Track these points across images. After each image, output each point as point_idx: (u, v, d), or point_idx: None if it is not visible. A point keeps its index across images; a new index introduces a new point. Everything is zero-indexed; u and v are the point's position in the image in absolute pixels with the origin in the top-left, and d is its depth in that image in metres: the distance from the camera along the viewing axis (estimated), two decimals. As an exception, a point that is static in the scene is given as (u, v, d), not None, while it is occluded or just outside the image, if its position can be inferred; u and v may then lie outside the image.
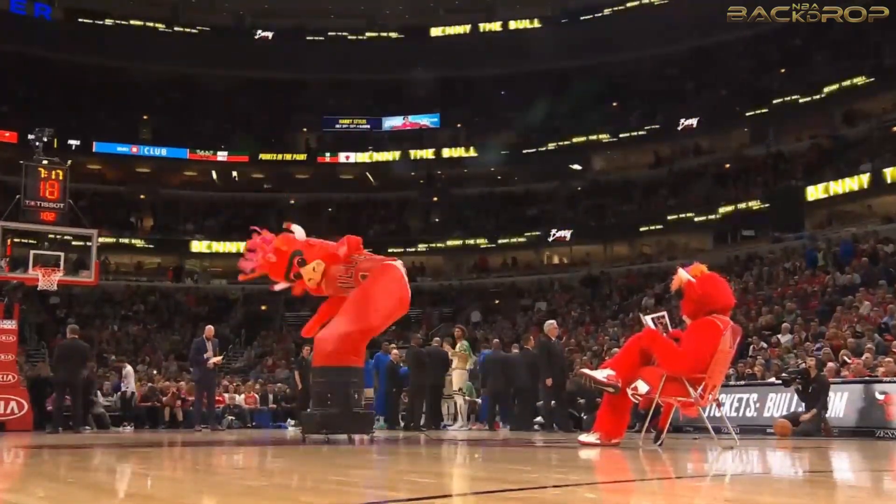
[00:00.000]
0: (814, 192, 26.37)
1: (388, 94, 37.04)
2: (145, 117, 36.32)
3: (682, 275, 6.87)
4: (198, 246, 34.03)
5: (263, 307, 32.67)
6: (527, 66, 35.04)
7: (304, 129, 37.57)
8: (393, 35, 36.89)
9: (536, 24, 35.97)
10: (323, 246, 8.29)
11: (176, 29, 35.88)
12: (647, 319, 7.11)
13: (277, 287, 8.49)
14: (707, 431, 7.80)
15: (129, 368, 17.02)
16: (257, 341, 29.89)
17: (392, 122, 37.52)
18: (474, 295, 32.37)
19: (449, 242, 34.39)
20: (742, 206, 28.33)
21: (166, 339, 28.25)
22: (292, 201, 36.24)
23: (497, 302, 31.65)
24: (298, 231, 8.27)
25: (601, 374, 6.91)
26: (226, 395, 18.23)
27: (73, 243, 17.27)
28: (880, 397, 10.72)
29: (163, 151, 35.31)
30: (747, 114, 30.71)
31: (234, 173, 36.80)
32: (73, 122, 32.60)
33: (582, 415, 13.08)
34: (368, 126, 37.59)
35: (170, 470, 5.43)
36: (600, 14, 34.33)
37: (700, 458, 6.35)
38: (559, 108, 34.56)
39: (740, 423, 11.55)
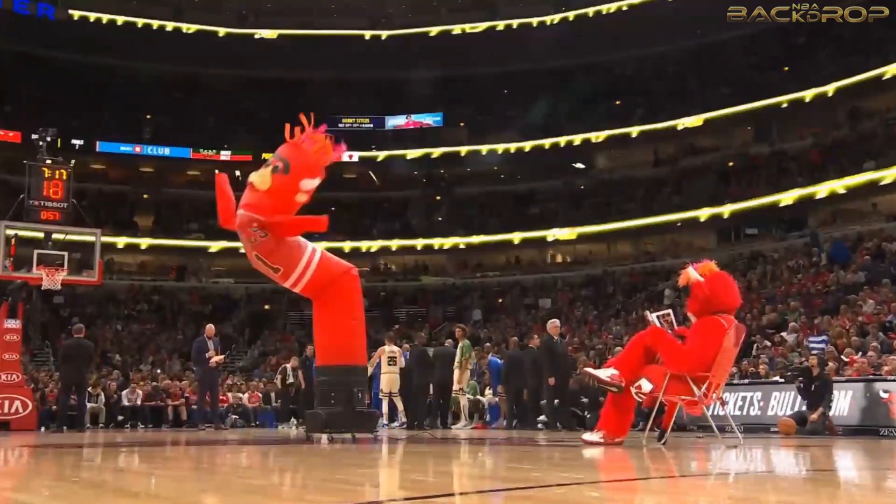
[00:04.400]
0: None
1: (391, 93, 37.03)
2: (148, 117, 36.34)
3: (692, 273, 6.86)
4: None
5: (267, 306, 32.71)
6: (529, 65, 35.01)
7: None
8: (396, 34, 36.86)
9: (539, 22, 35.92)
10: (287, 201, 7.46)
11: (179, 28, 35.90)
12: (653, 317, 7.10)
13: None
14: (711, 430, 7.80)
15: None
16: (261, 340, 29.94)
17: (395, 122, 37.53)
18: (477, 294, 32.38)
19: (452, 241, 34.38)
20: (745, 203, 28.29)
21: (170, 339, 28.31)
22: (295, 200, 36.22)
23: (500, 301, 31.66)
24: (309, 184, 7.57)
25: (605, 374, 6.91)
26: (229, 395, 18.28)
27: (77, 243, 17.29)
28: (884, 396, 10.70)
29: (166, 151, 35.32)
30: (750, 111, 30.65)
31: (238, 172, 36.75)
32: (77, 122, 32.65)
33: (585, 413, 13.08)
34: (371, 125, 37.58)
35: (174, 469, 5.44)
36: (603, 12, 34.26)
37: (704, 456, 6.34)
38: (562, 106, 34.52)
39: (744, 422, 11.55)
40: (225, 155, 35.69)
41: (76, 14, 34.04)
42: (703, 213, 29.58)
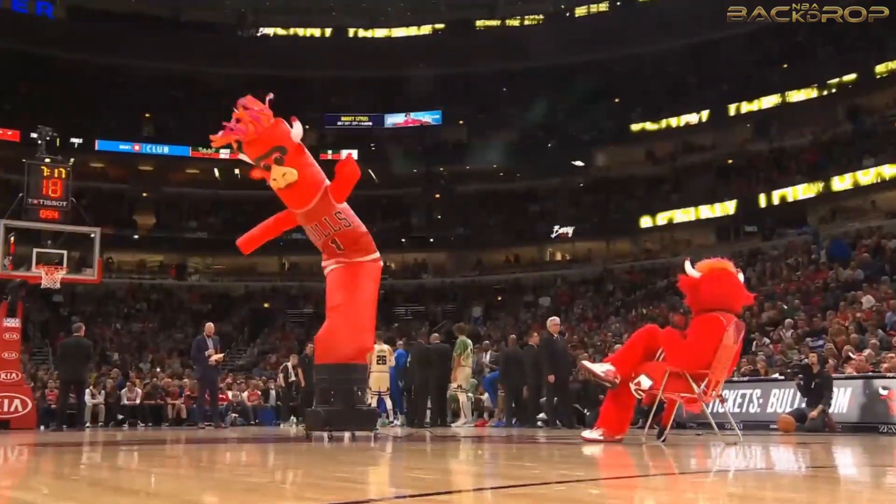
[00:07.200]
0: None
1: (390, 92, 37.01)
2: (147, 115, 36.34)
3: (687, 268, 6.89)
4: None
5: (266, 305, 32.70)
6: (528, 63, 35.00)
7: (306, 127, 37.24)
8: (395, 32, 36.85)
9: (538, 20, 35.90)
10: (312, 167, 7.73)
11: (178, 27, 35.86)
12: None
13: (247, 161, 7.73)
14: (710, 427, 7.80)
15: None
16: (260, 339, 29.94)
17: (394, 120, 37.51)
18: (477, 292, 32.39)
19: (451, 239, 34.37)
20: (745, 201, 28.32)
21: (169, 337, 28.31)
22: (295, 199, 36.18)
23: (500, 299, 31.67)
24: (297, 128, 7.88)
25: (600, 369, 6.92)
26: (229, 393, 18.28)
27: (76, 241, 17.30)
28: (883, 393, 10.70)
29: (165, 149, 35.31)
30: (750, 109, 30.64)
31: (237, 171, 36.80)
32: (76, 121, 32.62)
33: (585, 411, 13.09)
34: (370, 123, 37.58)
35: (173, 467, 5.44)
36: (602, 10, 34.26)
37: (703, 453, 6.34)
38: (561, 104, 34.52)
39: (743, 419, 11.54)
40: (224, 153, 35.65)
41: (74, 12, 34.01)
42: (702, 211, 29.62)
